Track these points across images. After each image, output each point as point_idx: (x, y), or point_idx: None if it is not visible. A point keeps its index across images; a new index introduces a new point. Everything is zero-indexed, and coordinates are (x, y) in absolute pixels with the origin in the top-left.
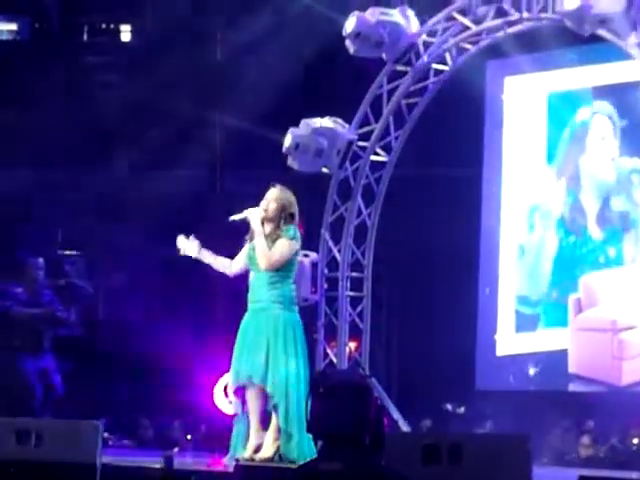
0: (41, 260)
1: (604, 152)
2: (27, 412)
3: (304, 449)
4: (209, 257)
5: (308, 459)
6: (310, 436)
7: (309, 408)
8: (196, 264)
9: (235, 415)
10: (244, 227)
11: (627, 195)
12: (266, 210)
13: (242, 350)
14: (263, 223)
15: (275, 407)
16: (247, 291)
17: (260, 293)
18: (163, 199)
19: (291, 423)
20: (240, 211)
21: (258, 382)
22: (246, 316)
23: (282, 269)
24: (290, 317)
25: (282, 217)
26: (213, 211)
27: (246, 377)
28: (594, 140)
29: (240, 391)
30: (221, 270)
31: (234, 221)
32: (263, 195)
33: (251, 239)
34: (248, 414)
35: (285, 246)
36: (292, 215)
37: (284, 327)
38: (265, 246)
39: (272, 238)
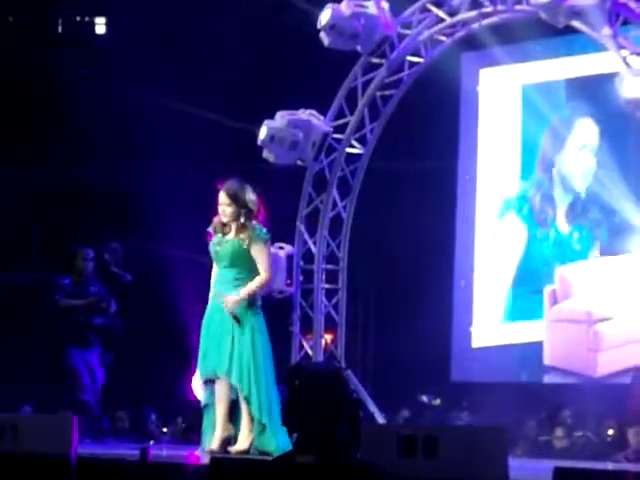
0: (91, 251)
1: (581, 161)
2: (76, 404)
3: (279, 441)
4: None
5: (283, 450)
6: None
7: (284, 401)
8: None
9: (205, 407)
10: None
11: (596, 203)
12: (225, 216)
13: (207, 344)
14: (226, 226)
15: (246, 398)
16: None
17: (226, 289)
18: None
19: (264, 413)
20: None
21: (223, 375)
22: (209, 310)
23: (251, 267)
24: (254, 311)
25: (240, 215)
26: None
27: (212, 371)
28: (574, 145)
29: (209, 382)
30: None
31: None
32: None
33: (215, 232)
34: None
35: (265, 251)
36: (250, 208)
37: (249, 321)
38: (255, 285)
39: (242, 240)
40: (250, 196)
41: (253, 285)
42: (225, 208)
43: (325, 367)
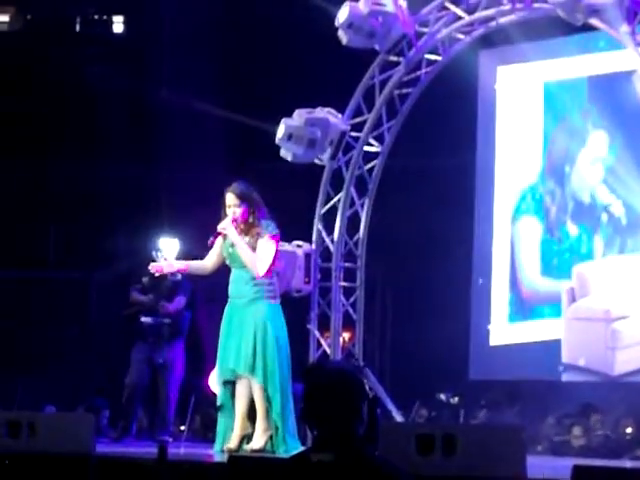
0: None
1: (592, 174)
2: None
3: (288, 446)
4: (182, 265)
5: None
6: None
7: (301, 399)
8: None
9: (220, 407)
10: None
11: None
12: (235, 219)
13: (228, 345)
14: (237, 227)
15: (270, 399)
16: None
17: (244, 289)
18: (156, 192)
19: (279, 416)
20: (215, 232)
21: (246, 374)
22: (228, 310)
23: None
24: (275, 308)
25: (251, 213)
26: (213, 202)
27: (231, 371)
28: (586, 159)
29: (227, 383)
30: (197, 273)
31: (212, 244)
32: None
33: (224, 236)
34: (234, 405)
35: (270, 245)
36: (258, 207)
37: (272, 319)
38: (252, 256)
39: (251, 235)
40: (257, 197)
41: (249, 256)
42: (235, 209)
43: (342, 365)
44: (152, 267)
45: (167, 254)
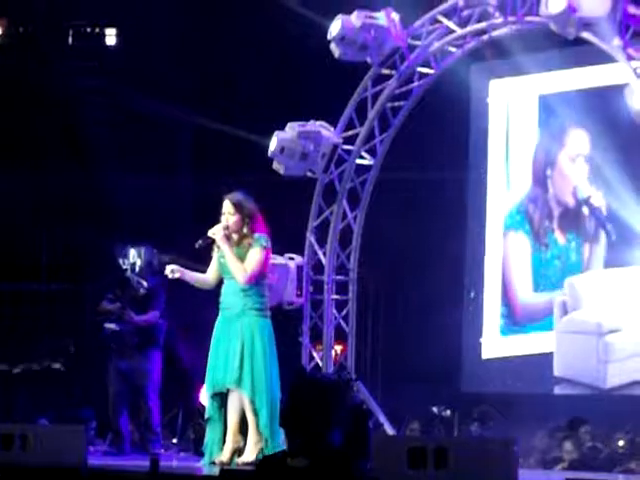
0: (145, 249)
1: (575, 171)
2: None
3: None
4: (190, 276)
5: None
6: (283, 443)
7: (283, 403)
8: None
9: (209, 419)
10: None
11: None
12: (227, 227)
13: (217, 357)
14: (229, 237)
15: (256, 412)
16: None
17: (234, 300)
18: (146, 204)
19: (268, 429)
20: (204, 235)
21: (233, 387)
22: (219, 322)
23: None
24: (264, 323)
25: (244, 224)
26: (199, 216)
27: (221, 383)
28: (566, 157)
29: (215, 396)
30: (201, 286)
31: (200, 247)
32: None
33: (219, 248)
34: (223, 417)
35: (259, 256)
36: (253, 219)
37: (260, 333)
38: (237, 263)
39: (242, 246)
40: (253, 207)
41: (233, 261)
42: (229, 217)
43: (324, 376)
44: (169, 269)
45: (134, 262)
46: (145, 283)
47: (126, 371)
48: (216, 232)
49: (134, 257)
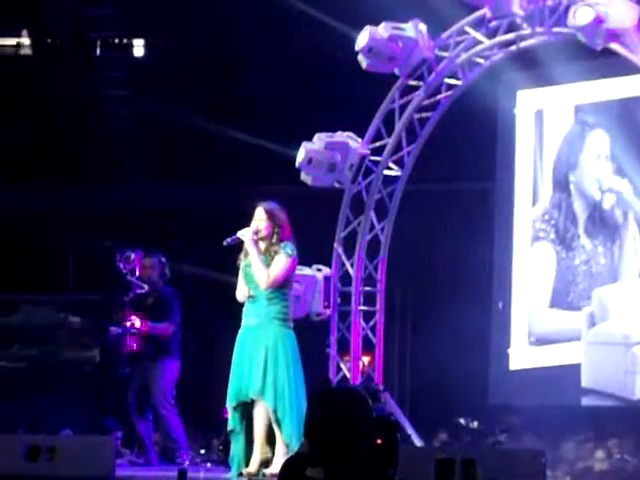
0: (156, 258)
1: (598, 168)
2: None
3: None
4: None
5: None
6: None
7: (306, 413)
8: None
9: (232, 431)
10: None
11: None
12: (257, 231)
13: (241, 367)
14: (257, 243)
15: (279, 423)
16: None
17: (257, 310)
18: (173, 214)
19: (294, 439)
20: (233, 234)
21: (257, 397)
22: (241, 333)
23: (280, 286)
24: (288, 333)
25: (274, 233)
26: (228, 227)
27: (244, 394)
28: (589, 157)
29: (238, 407)
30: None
31: (229, 244)
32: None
33: (245, 256)
34: (245, 429)
35: (284, 263)
36: (283, 229)
37: (283, 343)
38: (262, 266)
39: (269, 255)
40: (284, 218)
41: (258, 265)
42: (260, 223)
43: (350, 388)
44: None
45: (133, 267)
46: (146, 286)
47: (136, 379)
48: (245, 234)
49: (134, 261)
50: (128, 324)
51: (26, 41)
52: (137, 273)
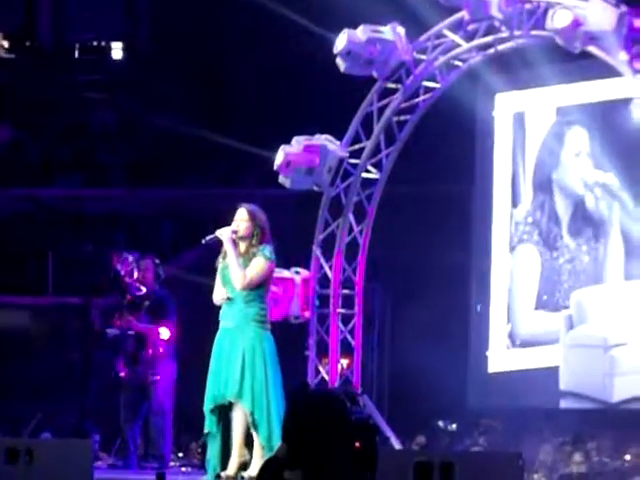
0: (150, 260)
1: (579, 165)
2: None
3: None
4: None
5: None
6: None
7: (284, 416)
8: None
9: (208, 434)
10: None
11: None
12: (236, 231)
13: (218, 370)
14: (236, 243)
15: (255, 426)
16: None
17: (234, 312)
18: (152, 217)
19: (274, 439)
20: (212, 232)
21: (234, 399)
22: (219, 335)
23: (257, 288)
24: (265, 335)
25: (254, 235)
26: (205, 229)
27: (223, 396)
28: (569, 154)
29: (215, 410)
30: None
31: (207, 242)
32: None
33: (224, 258)
34: (221, 432)
35: (261, 265)
36: (263, 231)
37: (261, 345)
38: (238, 266)
39: (248, 257)
40: (265, 221)
41: (234, 265)
42: (241, 223)
43: (327, 391)
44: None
45: (132, 268)
46: (144, 289)
47: (132, 381)
48: (224, 233)
49: (132, 263)
50: (125, 326)
51: (5, 43)
52: (135, 275)
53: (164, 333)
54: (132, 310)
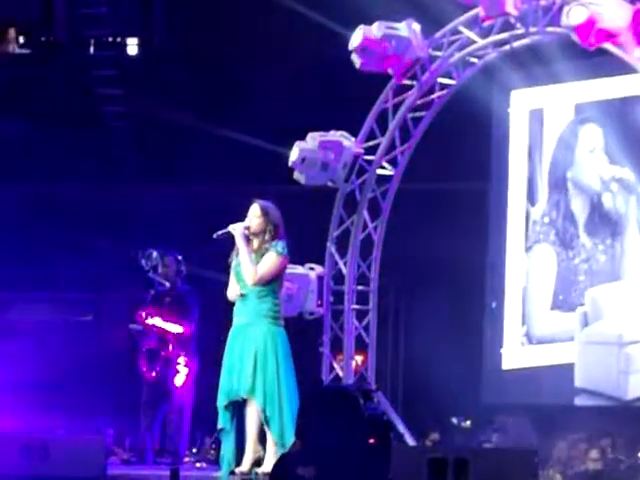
0: (172, 257)
1: (594, 160)
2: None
3: None
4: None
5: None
6: None
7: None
8: None
9: (222, 430)
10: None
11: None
12: (249, 227)
13: (231, 367)
14: (248, 239)
15: (268, 422)
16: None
17: (247, 308)
18: (167, 214)
19: (287, 435)
20: (224, 227)
21: (247, 395)
22: (232, 331)
23: (270, 284)
24: (279, 331)
25: (267, 231)
26: (219, 226)
27: (236, 393)
28: (583, 151)
29: (228, 406)
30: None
31: (219, 237)
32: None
33: (237, 255)
34: (235, 428)
35: (273, 260)
36: (276, 227)
37: (274, 341)
38: (250, 261)
39: (260, 252)
40: (279, 218)
41: (246, 261)
42: (254, 219)
43: (340, 387)
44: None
45: (156, 264)
46: (167, 284)
47: (152, 378)
48: (237, 228)
49: (156, 259)
50: (149, 322)
51: (20, 38)
52: (159, 270)
53: (176, 328)
54: (154, 306)
